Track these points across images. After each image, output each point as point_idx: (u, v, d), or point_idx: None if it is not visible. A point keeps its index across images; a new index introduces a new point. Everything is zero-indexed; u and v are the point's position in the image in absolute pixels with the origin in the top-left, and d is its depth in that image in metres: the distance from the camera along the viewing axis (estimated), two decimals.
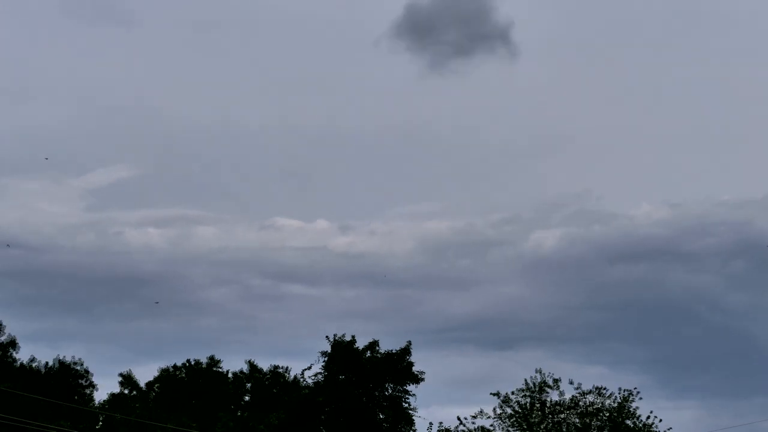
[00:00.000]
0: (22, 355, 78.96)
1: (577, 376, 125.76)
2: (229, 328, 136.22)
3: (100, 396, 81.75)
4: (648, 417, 70.33)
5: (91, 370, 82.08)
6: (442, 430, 75.50)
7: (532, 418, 70.88)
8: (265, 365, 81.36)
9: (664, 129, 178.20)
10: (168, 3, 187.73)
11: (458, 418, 73.31)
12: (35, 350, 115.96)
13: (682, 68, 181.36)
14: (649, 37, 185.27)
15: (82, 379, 79.41)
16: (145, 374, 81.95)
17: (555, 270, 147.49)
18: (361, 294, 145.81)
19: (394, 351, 77.44)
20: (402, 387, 77.14)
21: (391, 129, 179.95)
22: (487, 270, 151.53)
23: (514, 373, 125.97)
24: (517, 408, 72.27)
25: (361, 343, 77.43)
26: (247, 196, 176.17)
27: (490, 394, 73.69)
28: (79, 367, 79.53)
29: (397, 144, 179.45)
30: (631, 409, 70.02)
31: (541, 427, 70.53)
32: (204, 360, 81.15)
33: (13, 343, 78.29)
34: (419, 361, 77.22)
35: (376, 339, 77.76)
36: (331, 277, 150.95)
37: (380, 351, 77.50)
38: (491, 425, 72.94)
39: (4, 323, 79.61)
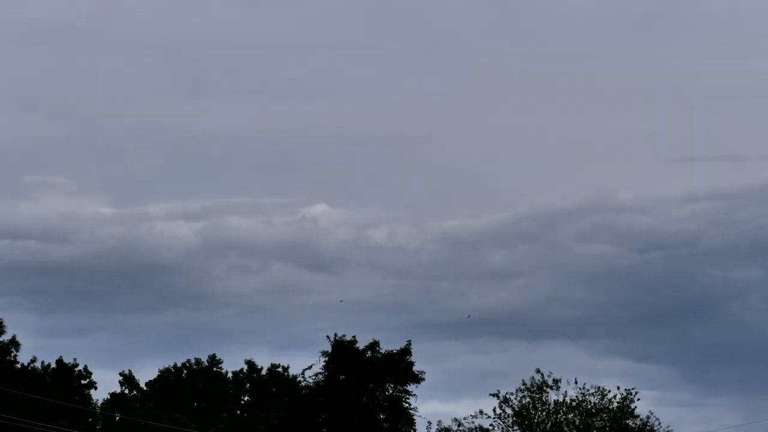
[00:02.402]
0: (23, 355, 79.03)
1: (603, 370, 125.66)
2: (248, 320, 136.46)
3: (100, 395, 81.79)
4: (648, 417, 70.31)
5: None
6: (441, 429, 75.31)
7: (532, 418, 70.75)
8: (266, 363, 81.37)
9: (686, 122, 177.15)
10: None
11: (455, 419, 73.04)
12: (44, 346, 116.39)
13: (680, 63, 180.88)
14: (657, 30, 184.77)
15: (83, 379, 79.28)
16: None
17: (585, 265, 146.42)
18: (391, 286, 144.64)
19: (394, 351, 77.35)
20: (402, 387, 77.00)
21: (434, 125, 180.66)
22: (518, 264, 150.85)
23: (539, 367, 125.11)
24: (516, 408, 72.11)
25: (362, 343, 77.40)
26: (286, 185, 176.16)
27: (490, 394, 73.46)
28: (79, 368, 79.19)
29: (432, 137, 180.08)
30: (631, 409, 70.01)
31: (542, 427, 70.46)
32: (205, 359, 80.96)
33: (14, 343, 78.00)
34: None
35: (377, 339, 77.77)
36: (362, 268, 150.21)
37: (381, 351, 77.35)
38: (491, 425, 72.78)
39: (6, 323, 79.52)
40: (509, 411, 71.82)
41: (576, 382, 68.76)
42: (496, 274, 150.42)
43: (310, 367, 78.51)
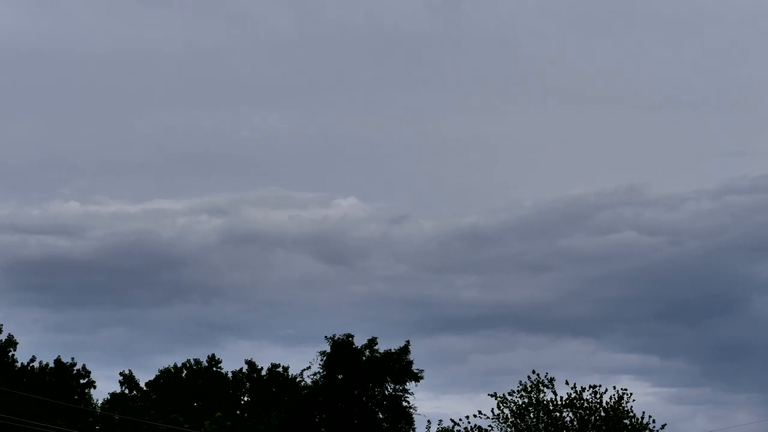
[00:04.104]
0: (21, 355, 79.17)
1: (622, 366, 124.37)
2: (266, 315, 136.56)
3: (100, 395, 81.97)
4: (642, 417, 69.74)
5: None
6: (440, 429, 74.80)
7: (528, 418, 70.24)
8: (265, 364, 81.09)
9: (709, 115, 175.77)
10: None
11: (452, 420, 72.51)
12: (56, 342, 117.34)
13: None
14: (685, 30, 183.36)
15: (82, 379, 79.45)
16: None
17: (608, 259, 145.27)
18: (412, 280, 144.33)
19: (393, 350, 77.09)
20: (401, 386, 76.76)
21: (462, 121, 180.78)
22: (540, 258, 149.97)
23: (561, 362, 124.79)
24: (514, 408, 71.56)
25: (359, 341, 77.18)
26: (317, 179, 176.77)
27: (488, 395, 72.89)
28: (77, 367, 79.38)
29: (459, 132, 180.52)
30: (626, 409, 69.42)
31: (539, 427, 69.90)
32: (204, 360, 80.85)
33: (11, 343, 78.08)
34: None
35: (375, 336, 77.57)
36: (385, 262, 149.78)
37: (379, 350, 77.18)
38: (489, 426, 72.23)
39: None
40: (507, 411, 71.18)
41: (567, 383, 68.08)
42: (520, 268, 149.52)
43: (308, 367, 78.44)
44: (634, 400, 69.02)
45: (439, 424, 72.28)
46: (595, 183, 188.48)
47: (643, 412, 68.14)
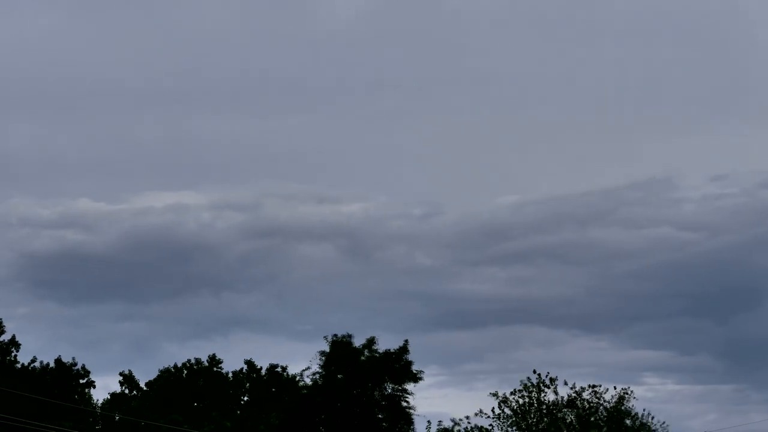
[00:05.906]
0: (28, 352, 79.16)
1: (641, 363, 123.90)
2: (283, 310, 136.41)
3: (100, 395, 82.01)
4: (646, 416, 69.93)
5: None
6: (441, 429, 74.96)
7: (530, 418, 70.36)
8: (264, 364, 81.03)
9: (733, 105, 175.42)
10: None
11: (452, 420, 72.64)
12: (69, 337, 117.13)
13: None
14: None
15: (81, 378, 79.43)
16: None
17: (635, 254, 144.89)
18: (432, 275, 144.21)
19: (392, 350, 76.96)
20: (401, 386, 76.61)
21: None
22: (569, 252, 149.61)
23: (583, 358, 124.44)
24: (515, 408, 71.72)
25: (358, 341, 77.10)
26: (345, 176, 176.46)
27: (489, 394, 73.03)
28: (77, 367, 79.43)
29: (490, 127, 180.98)
30: (627, 408, 69.63)
31: (540, 427, 70.04)
32: (205, 359, 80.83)
33: (14, 343, 78.09)
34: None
35: (374, 336, 77.52)
36: (409, 257, 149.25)
37: (378, 349, 77.09)
38: (490, 425, 72.45)
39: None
40: (508, 411, 71.33)
41: (566, 383, 68.29)
42: (549, 263, 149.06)
43: (308, 368, 78.31)
44: (635, 398, 69.06)
45: (439, 425, 72.26)
46: (627, 176, 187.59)
47: (648, 412, 68.21)
